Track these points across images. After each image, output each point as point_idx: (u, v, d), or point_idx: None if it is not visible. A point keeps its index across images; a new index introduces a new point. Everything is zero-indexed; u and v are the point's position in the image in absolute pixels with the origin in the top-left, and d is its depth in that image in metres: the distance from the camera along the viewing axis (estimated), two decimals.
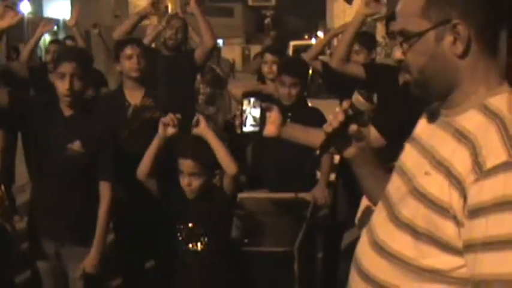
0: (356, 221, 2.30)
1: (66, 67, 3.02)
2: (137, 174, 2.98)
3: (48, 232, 3.16)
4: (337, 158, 3.82)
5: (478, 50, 1.42)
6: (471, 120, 1.40)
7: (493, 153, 1.32)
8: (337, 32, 4.83)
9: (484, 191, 1.30)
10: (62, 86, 3.03)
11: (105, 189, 3.11)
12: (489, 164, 1.30)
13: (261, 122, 2.21)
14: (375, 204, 1.70)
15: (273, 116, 2.27)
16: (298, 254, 3.32)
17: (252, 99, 2.19)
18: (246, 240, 3.40)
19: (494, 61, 1.45)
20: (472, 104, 1.43)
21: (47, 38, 19.11)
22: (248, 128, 2.20)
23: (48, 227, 3.14)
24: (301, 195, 3.73)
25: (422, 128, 1.59)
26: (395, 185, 1.56)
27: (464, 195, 1.33)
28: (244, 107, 2.19)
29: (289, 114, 3.27)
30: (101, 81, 6.18)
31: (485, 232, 1.29)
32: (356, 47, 4.16)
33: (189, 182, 2.90)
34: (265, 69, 4.45)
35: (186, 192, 2.94)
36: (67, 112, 3.11)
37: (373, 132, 2.98)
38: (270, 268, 3.26)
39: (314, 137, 1.69)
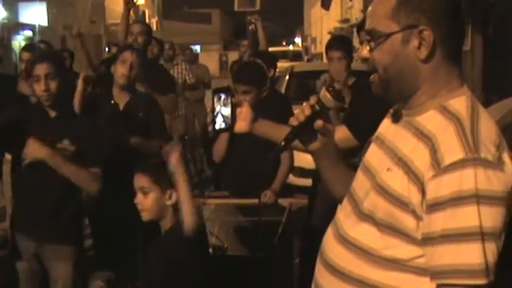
0: None
1: (40, 69, 3.10)
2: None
3: (29, 232, 3.21)
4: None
5: (442, 55, 1.50)
6: (431, 120, 1.49)
7: (451, 151, 1.39)
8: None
9: (442, 187, 1.38)
10: (38, 89, 3.11)
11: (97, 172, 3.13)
12: (447, 160, 1.38)
13: (232, 118, 2.16)
14: (334, 195, 1.80)
15: (244, 112, 2.23)
16: (273, 260, 3.29)
17: (223, 96, 2.13)
18: (225, 245, 3.35)
19: (455, 65, 1.53)
20: (433, 105, 1.52)
21: (22, 43, 18.88)
22: (220, 125, 2.15)
23: (30, 227, 3.20)
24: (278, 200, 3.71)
25: (386, 127, 1.67)
26: (359, 182, 1.64)
27: (422, 191, 1.41)
28: (215, 105, 2.13)
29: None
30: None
31: (442, 225, 1.37)
32: (336, 54, 4.12)
33: (139, 199, 2.74)
34: None
35: (142, 215, 2.79)
36: (52, 114, 3.18)
37: (345, 133, 2.96)
38: (245, 274, 3.22)
39: (285, 133, 1.69)
